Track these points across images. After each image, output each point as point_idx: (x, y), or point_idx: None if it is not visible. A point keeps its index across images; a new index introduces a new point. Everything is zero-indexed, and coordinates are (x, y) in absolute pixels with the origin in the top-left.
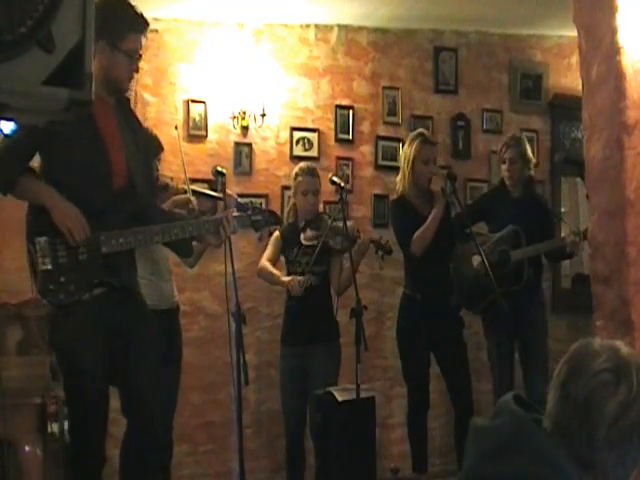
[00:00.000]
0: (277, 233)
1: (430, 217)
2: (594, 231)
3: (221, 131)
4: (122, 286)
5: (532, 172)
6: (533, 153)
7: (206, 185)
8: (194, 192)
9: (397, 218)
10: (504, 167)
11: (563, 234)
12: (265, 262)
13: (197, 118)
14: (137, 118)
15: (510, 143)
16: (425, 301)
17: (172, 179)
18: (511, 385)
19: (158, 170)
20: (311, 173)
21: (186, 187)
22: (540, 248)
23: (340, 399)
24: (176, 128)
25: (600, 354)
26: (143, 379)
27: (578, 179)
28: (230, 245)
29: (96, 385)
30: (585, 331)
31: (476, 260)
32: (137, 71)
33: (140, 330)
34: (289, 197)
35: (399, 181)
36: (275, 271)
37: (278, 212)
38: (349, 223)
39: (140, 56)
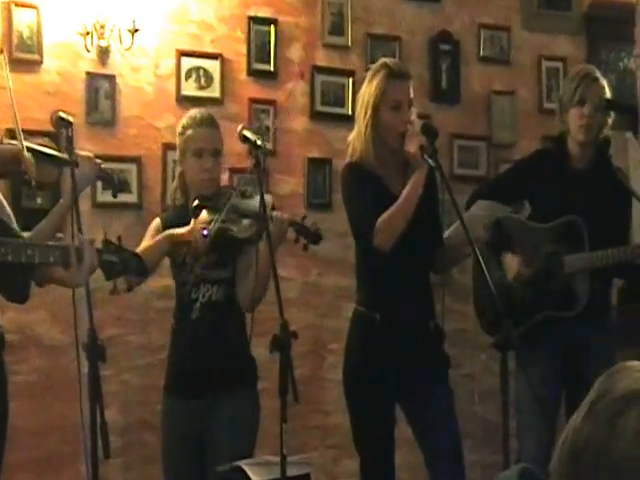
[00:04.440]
0: (157, 220)
1: (406, 190)
2: None
3: (65, 55)
4: None
5: (610, 132)
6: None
7: (46, 139)
8: (29, 151)
9: (354, 190)
10: (579, 113)
11: None
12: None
13: (25, 33)
14: None
15: (594, 76)
16: (389, 324)
17: None
18: (547, 460)
19: None
20: (208, 123)
21: (17, 143)
22: (610, 256)
23: (255, 479)
24: (1, 52)
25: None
26: None
27: (629, 134)
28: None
29: None
30: None
31: (510, 262)
32: None
33: None
34: (175, 162)
35: (354, 139)
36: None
37: (158, 185)
38: (266, 197)
39: None
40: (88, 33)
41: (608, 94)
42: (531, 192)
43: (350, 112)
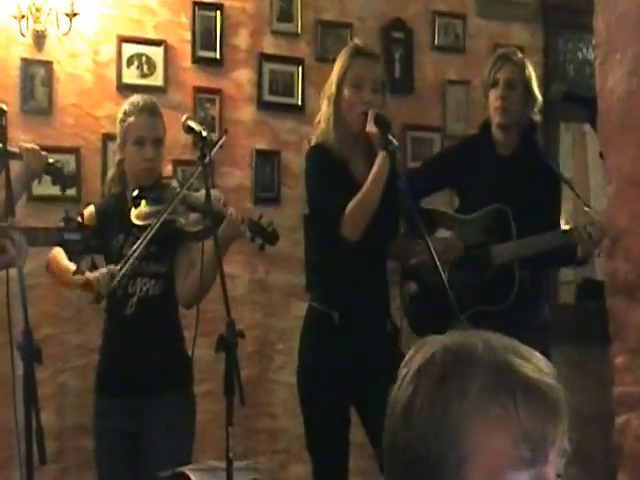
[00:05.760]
0: (91, 208)
1: (370, 177)
2: (612, 211)
3: None
4: None
5: (538, 116)
6: None
7: None
8: None
9: (318, 175)
10: (494, 95)
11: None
12: (57, 250)
13: None
14: None
15: (508, 56)
16: (347, 323)
17: None
18: None
19: None
20: (149, 111)
21: None
22: (538, 243)
23: None
24: None
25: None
26: None
27: (586, 126)
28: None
29: None
30: (596, 369)
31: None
32: None
33: None
34: (114, 153)
35: (319, 121)
36: (65, 262)
37: (97, 177)
38: (214, 193)
39: None
40: (23, 16)
41: (531, 75)
42: (457, 182)
43: (300, 102)
